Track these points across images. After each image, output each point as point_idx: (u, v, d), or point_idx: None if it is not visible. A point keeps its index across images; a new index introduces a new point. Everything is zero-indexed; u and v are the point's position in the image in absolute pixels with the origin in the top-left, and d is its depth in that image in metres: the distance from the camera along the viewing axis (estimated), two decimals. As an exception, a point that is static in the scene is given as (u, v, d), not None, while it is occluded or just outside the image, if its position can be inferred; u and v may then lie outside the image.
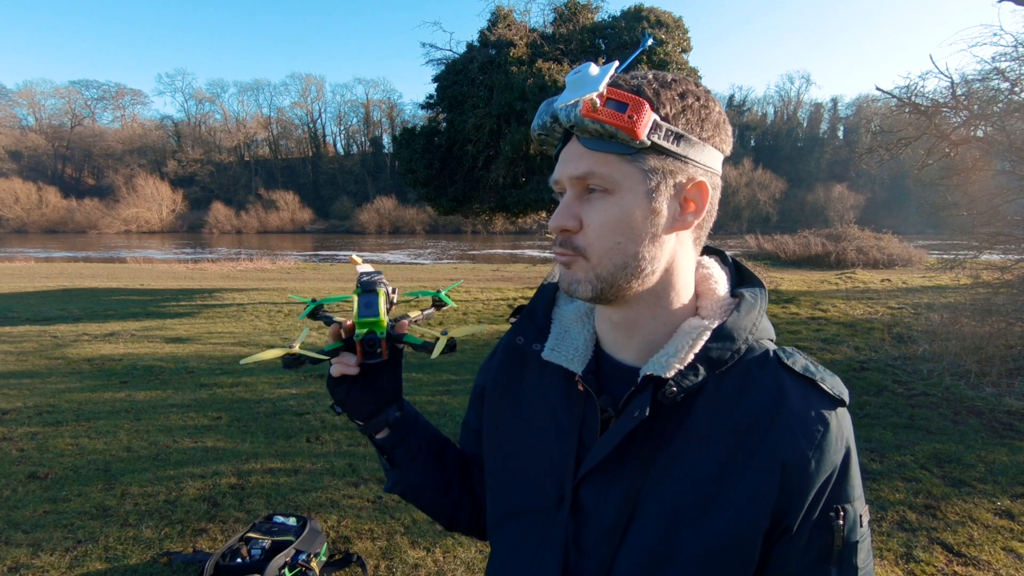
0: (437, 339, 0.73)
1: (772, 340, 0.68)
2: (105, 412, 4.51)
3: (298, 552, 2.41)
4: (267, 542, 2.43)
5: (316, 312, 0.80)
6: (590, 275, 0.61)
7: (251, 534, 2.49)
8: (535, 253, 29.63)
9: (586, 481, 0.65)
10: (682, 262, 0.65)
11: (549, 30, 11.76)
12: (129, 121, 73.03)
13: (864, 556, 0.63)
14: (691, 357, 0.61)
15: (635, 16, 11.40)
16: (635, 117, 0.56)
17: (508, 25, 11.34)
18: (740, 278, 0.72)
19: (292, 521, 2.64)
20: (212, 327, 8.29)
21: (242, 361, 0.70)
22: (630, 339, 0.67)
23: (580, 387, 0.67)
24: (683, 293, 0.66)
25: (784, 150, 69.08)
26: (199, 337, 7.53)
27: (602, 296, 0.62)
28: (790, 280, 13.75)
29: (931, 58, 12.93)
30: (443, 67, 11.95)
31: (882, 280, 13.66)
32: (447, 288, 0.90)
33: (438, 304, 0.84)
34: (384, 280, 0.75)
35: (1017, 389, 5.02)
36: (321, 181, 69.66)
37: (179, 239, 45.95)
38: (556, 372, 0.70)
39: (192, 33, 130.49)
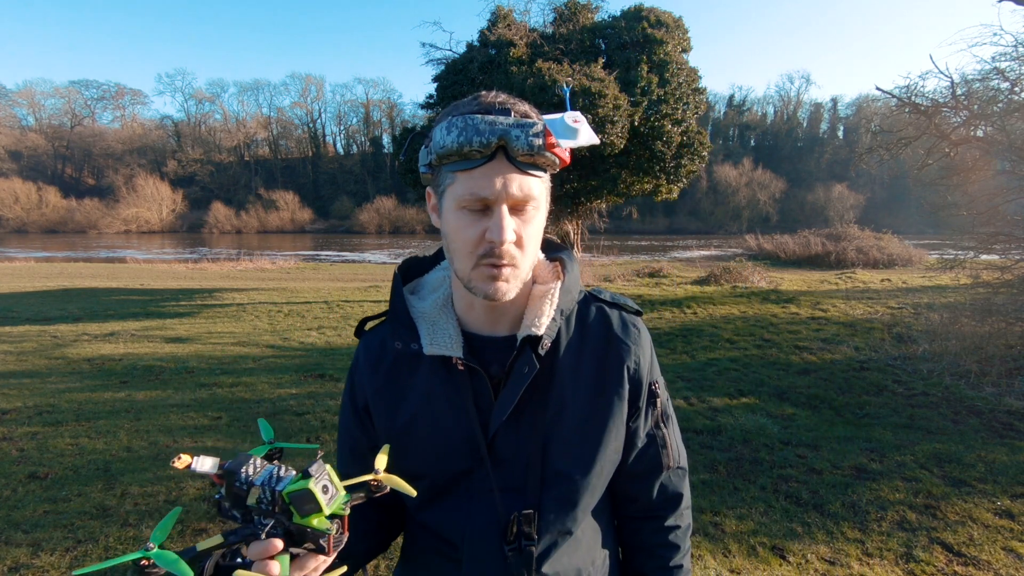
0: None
1: (583, 288, 0.89)
2: (105, 412, 4.51)
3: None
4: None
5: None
6: (518, 280, 0.74)
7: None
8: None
9: (498, 436, 0.77)
10: None
11: (549, 30, 11.75)
12: (129, 121, 72.98)
13: (671, 408, 0.90)
14: (552, 313, 0.79)
15: (635, 16, 11.40)
16: (568, 157, 0.74)
17: (508, 25, 11.33)
18: (548, 245, 0.90)
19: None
20: (212, 327, 8.29)
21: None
22: (500, 316, 0.81)
23: (460, 367, 0.78)
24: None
25: (784, 150, 69.09)
26: (199, 337, 7.53)
27: (517, 292, 0.76)
28: (790, 280, 13.75)
29: (931, 58, 12.94)
30: (443, 67, 11.95)
31: (882, 280, 13.66)
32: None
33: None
34: (262, 463, 0.63)
35: (1017, 389, 5.02)
36: (321, 181, 69.64)
37: (179, 239, 45.94)
38: (434, 362, 0.79)
39: (192, 33, 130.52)
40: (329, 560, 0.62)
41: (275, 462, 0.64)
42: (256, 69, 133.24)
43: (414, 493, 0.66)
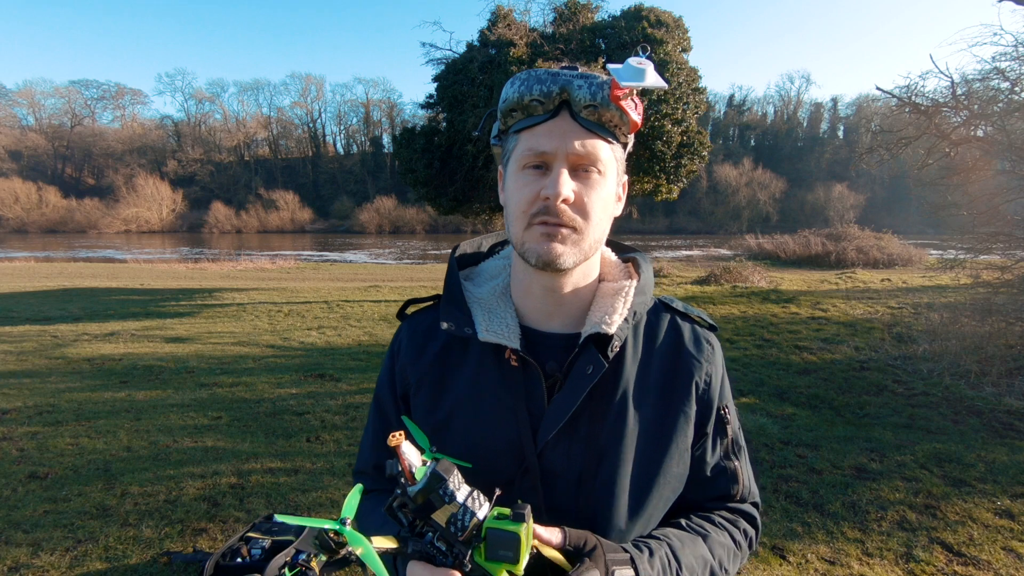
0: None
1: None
2: (105, 412, 4.51)
3: (298, 552, 2.41)
4: (267, 542, 2.43)
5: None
6: (578, 247, 0.68)
7: (251, 534, 2.49)
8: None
9: (549, 444, 0.68)
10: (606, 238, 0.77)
11: (549, 30, 11.75)
12: (129, 121, 72.96)
13: (743, 439, 0.80)
14: (625, 312, 0.71)
15: (635, 16, 11.39)
16: (639, 117, 0.67)
17: (508, 25, 11.33)
18: (617, 247, 0.85)
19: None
20: (212, 327, 8.29)
21: None
22: (559, 307, 0.74)
23: (513, 361, 0.70)
24: (597, 264, 0.77)
25: (784, 150, 69.06)
26: (199, 337, 7.53)
27: (576, 267, 0.70)
28: (790, 280, 13.75)
29: (931, 58, 12.94)
30: (443, 67, 11.94)
31: (882, 280, 13.66)
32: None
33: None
34: (461, 480, 0.57)
35: (1017, 389, 5.02)
36: (321, 181, 69.62)
37: (179, 239, 45.94)
38: (485, 352, 0.72)
39: (192, 33, 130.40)
40: None
41: (485, 501, 0.57)
42: (256, 69, 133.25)
43: (467, 464, 0.61)
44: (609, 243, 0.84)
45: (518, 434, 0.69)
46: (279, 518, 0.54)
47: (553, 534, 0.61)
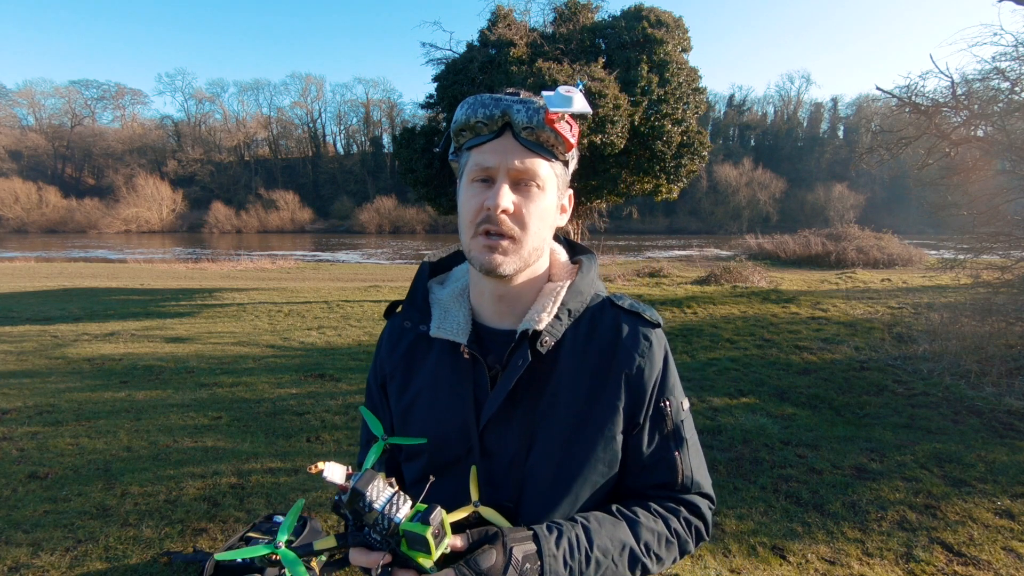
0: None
1: (605, 292, 0.89)
2: (105, 412, 4.51)
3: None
4: (267, 542, 2.42)
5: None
6: (518, 255, 0.76)
7: (251, 534, 2.50)
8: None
9: (488, 428, 0.78)
10: (550, 245, 0.86)
11: (549, 30, 11.74)
12: (129, 121, 72.94)
13: (689, 430, 0.85)
14: (555, 311, 0.80)
15: (635, 16, 11.39)
16: (572, 138, 0.76)
17: (508, 25, 11.32)
18: (573, 249, 0.93)
19: (292, 521, 2.63)
20: (212, 327, 8.29)
21: None
22: (511, 308, 0.82)
23: (466, 355, 0.80)
24: (544, 266, 0.85)
25: (784, 150, 69.05)
26: (199, 337, 7.53)
27: (517, 273, 0.78)
28: (790, 280, 13.75)
29: (931, 58, 12.94)
30: (443, 67, 11.93)
31: (882, 280, 13.66)
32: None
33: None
34: (383, 485, 0.65)
35: (1017, 389, 5.02)
36: (321, 181, 69.61)
37: (179, 239, 45.93)
38: (443, 347, 0.82)
39: (192, 33, 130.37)
40: None
41: (395, 486, 0.67)
42: (256, 69, 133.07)
43: (509, 525, 0.69)
44: (568, 244, 0.94)
45: (464, 419, 0.79)
46: (219, 557, 0.67)
47: (456, 540, 0.66)
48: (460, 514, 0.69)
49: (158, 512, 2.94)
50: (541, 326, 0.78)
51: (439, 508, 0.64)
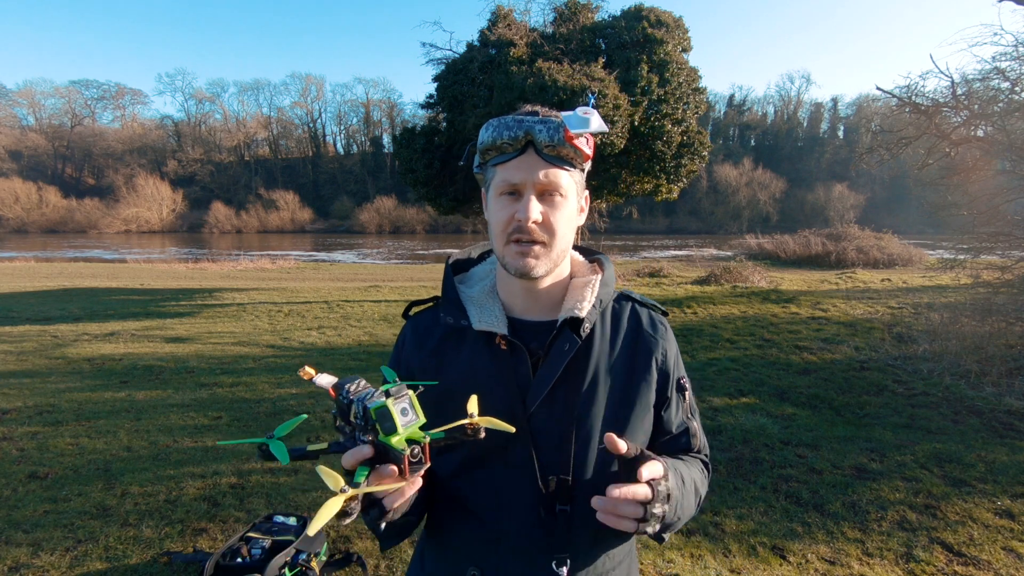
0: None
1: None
2: (105, 412, 4.51)
3: (298, 552, 2.41)
4: (267, 542, 2.43)
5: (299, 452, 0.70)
6: (548, 258, 0.84)
7: (251, 534, 2.49)
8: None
9: (535, 411, 0.84)
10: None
11: (549, 30, 11.74)
12: (129, 121, 72.91)
13: (696, 405, 0.98)
14: (593, 300, 0.89)
15: (635, 16, 11.38)
16: (589, 151, 0.85)
17: (508, 25, 11.32)
18: (586, 252, 1.02)
19: (292, 521, 2.63)
20: (212, 327, 8.29)
21: (309, 531, 0.58)
22: (537, 302, 0.91)
23: (503, 345, 0.86)
24: (568, 265, 0.94)
25: (784, 150, 69.03)
26: (199, 337, 7.53)
27: (547, 273, 0.86)
28: (790, 280, 13.75)
29: (931, 58, 12.94)
30: (443, 67, 11.93)
31: (882, 280, 13.66)
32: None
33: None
34: (365, 384, 0.69)
35: (1017, 389, 5.02)
36: (321, 181, 69.58)
37: (179, 239, 45.92)
38: (478, 340, 0.88)
39: (192, 33, 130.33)
40: (402, 483, 0.65)
41: (381, 390, 0.69)
42: (256, 69, 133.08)
43: (513, 429, 0.72)
44: (579, 249, 1.03)
45: (510, 403, 0.83)
46: (220, 443, 0.87)
47: (629, 448, 0.76)
48: (454, 424, 0.70)
49: (158, 512, 2.94)
50: (583, 313, 0.87)
51: (403, 385, 0.67)
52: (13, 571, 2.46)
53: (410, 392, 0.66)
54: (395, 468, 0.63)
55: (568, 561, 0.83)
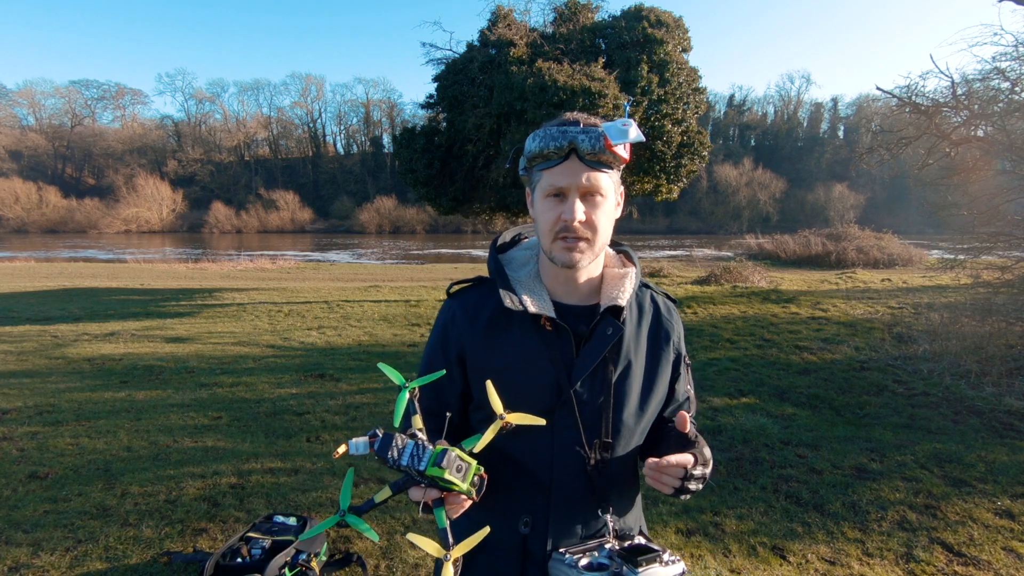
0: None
1: None
2: (105, 412, 4.51)
3: (298, 552, 2.41)
4: (267, 542, 2.43)
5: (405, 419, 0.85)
6: (591, 251, 0.95)
7: (251, 534, 2.49)
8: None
9: (579, 383, 0.97)
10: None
11: (549, 30, 11.74)
12: (129, 121, 72.83)
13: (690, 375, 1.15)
14: (632, 291, 1.02)
15: (635, 16, 11.39)
16: (627, 155, 0.94)
17: (508, 25, 11.32)
18: (612, 244, 1.10)
19: (292, 521, 2.64)
20: (212, 327, 8.29)
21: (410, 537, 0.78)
22: (577, 289, 1.02)
23: (548, 327, 0.98)
24: (604, 256, 1.06)
25: (784, 150, 69.00)
26: (199, 337, 7.53)
27: (590, 264, 0.98)
28: (790, 280, 13.75)
29: (931, 58, 12.94)
30: (443, 67, 11.93)
31: (882, 280, 13.66)
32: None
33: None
34: (402, 441, 0.80)
35: (1017, 389, 5.02)
36: (321, 181, 69.55)
37: (179, 239, 45.91)
38: (525, 320, 0.99)
39: (192, 33, 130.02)
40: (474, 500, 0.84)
41: (415, 436, 0.81)
42: (256, 69, 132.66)
43: (543, 422, 0.88)
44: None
45: (556, 377, 0.96)
46: (302, 537, 0.90)
47: (685, 425, 0.94)
48: (492, 432, 0.84)
49: (158, 512, 2.94)
50: (624, 302, 0.99)
51: (448, 448, 0.79)
52: (13, 571, 2.46)
53: (455, 452, 0.79)
54: (467, 500, 0.82)
55: (610, 508, 0.98)
